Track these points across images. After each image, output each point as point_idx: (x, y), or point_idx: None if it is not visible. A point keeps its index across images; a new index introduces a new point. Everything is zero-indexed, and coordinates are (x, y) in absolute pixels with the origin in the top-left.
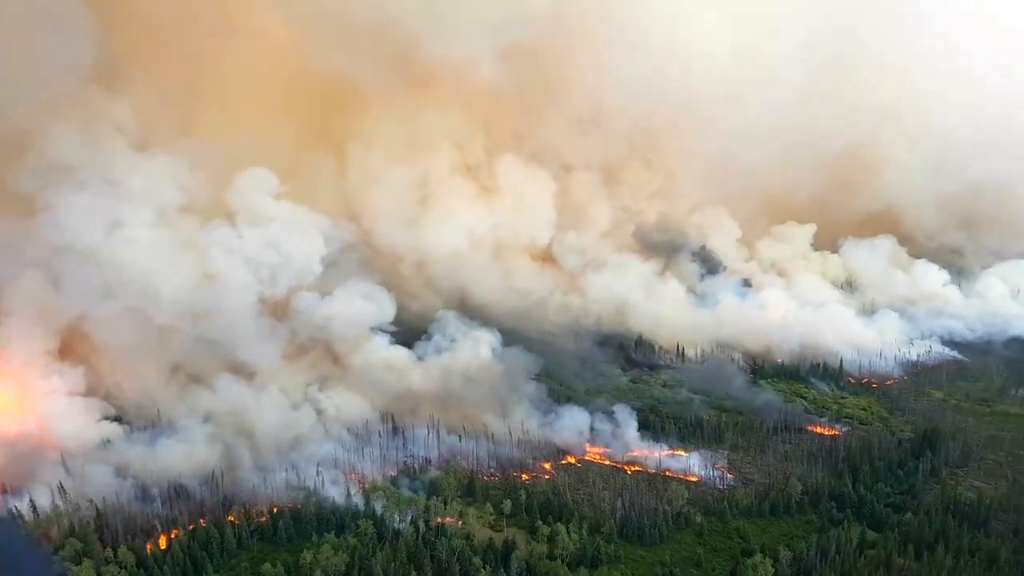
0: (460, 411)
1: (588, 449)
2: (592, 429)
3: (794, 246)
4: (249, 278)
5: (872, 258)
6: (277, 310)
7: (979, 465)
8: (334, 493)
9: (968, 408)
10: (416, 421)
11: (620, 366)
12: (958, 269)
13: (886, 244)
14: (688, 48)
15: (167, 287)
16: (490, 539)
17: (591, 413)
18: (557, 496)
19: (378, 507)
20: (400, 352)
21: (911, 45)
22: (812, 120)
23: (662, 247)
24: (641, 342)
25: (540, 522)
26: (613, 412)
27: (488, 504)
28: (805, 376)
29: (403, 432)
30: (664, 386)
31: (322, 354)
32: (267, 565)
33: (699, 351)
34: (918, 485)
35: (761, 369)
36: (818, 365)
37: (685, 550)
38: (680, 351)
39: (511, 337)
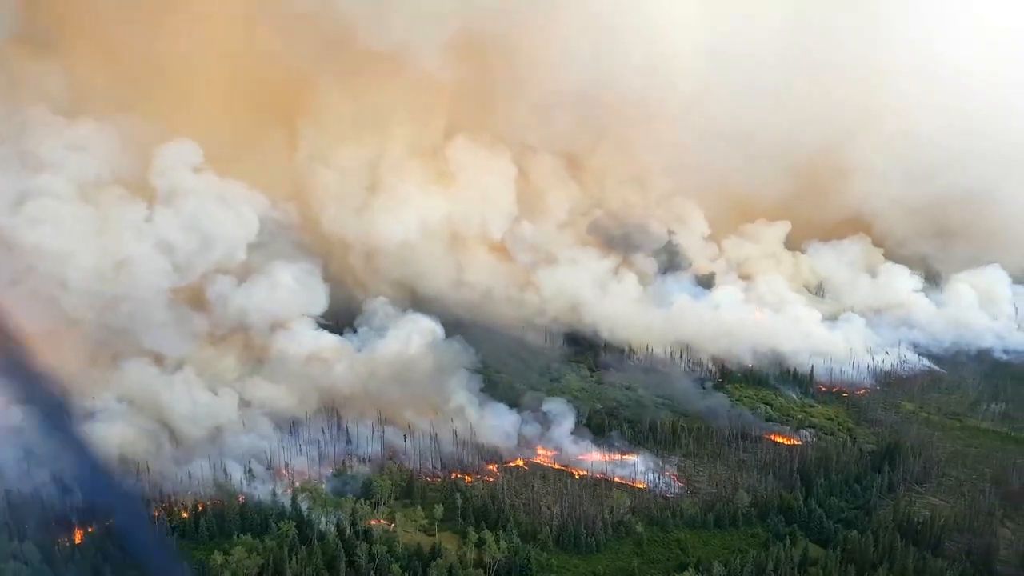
0: (399, 407)
1: (540, 452)
2: (539, 431)
3: (763, 245)
4: (162, 262)
5: (838, 261)
6: (195, 296)
7: (940, 482)
8: (261, 491)
9: (938, 421)
10: (360, 417)
11: (588, 366)
12: (932, 276)
13: (852, 248)
14: (656, 41)
15: (76, 272)
16: (418, 545)
17: (540, 414)
18: (495, 501)
19: (305, 507)
20: (331, 342)
21: (887, 47)
22: (784, 121)
23: (622, 241)
24: (610, 342)
25: (470, 528)
26: (562, 414)
27: (419, 508)
28: (774, 382)
29: (345, 428)
30: (626, 388)
31: (248, 343)
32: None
33: (667, 352)
34: (872, 501)
35: (729, 373)
36: (788, 371)
37: (621, 560)
38: (649, 351)
39: (463, 332)
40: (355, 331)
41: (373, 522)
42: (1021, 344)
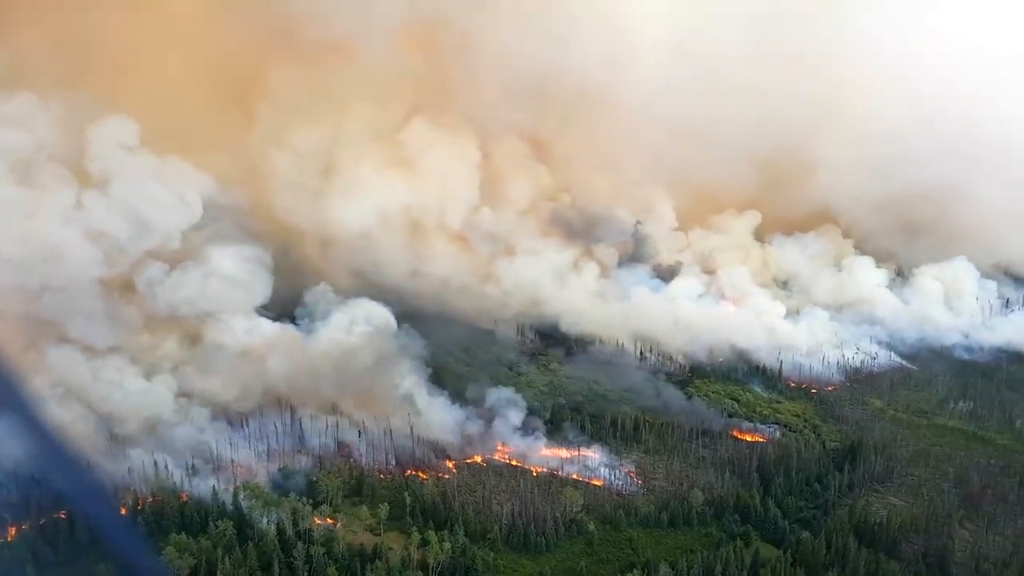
0: (347, 400)
1: (499, 448)
2: (497, 427)
3: (731, 237)
4: (92, 249)
5: (802, 255)
6: (130, 283)
7: (902, 481)
8: (203, 488)
9: (905, 419)
10: (313, 412)
11: (558, 360)
12: (900, 271)
13: (816, 242)
14: (617, 32)
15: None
16: (361, 545)
17: (499, 410)
18: (445, 499)
19: (246, 506)
20: (274, 331)
21: (852, 42)
22: (750, 115)
23: (584, 231)
24: (580, 336)
25: (414, 528)
26: (520, 409)
27: (364, 507)
28: (743, 378)
29: (298, 423)
30: (593, 382)
31: (186, 331)
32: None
33: (636, 346)
34: (831, 500)
35: (698, 368)
36: (757, 367)
37: (571, 560)
38: (619, 346)
39: (423, 325)
40: (295, 322)
41: (319, 521)
42: (985, 340)
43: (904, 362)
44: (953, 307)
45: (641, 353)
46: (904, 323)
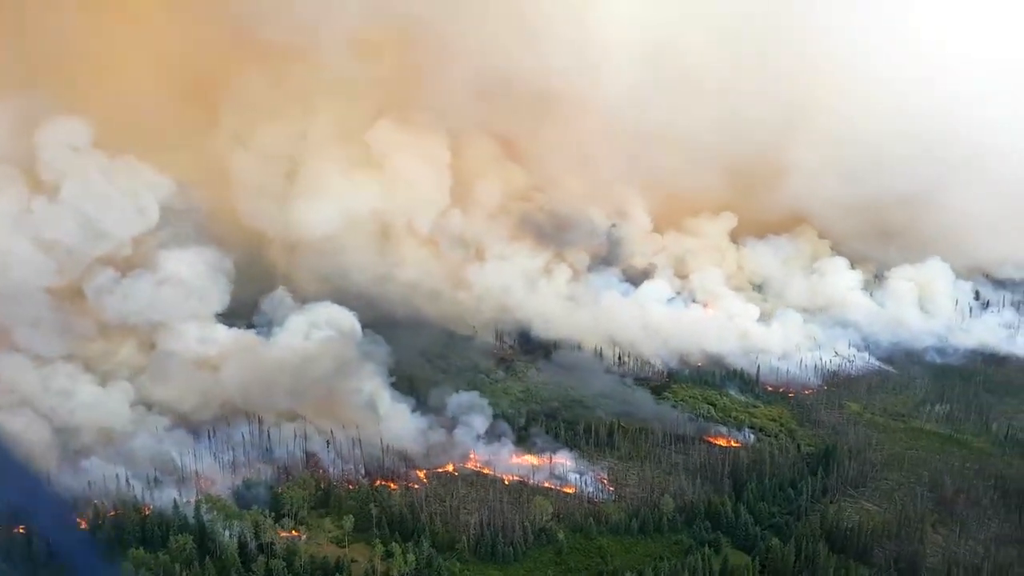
0: (311, 409)
1: (472, 457)
2: (469, 435)
3: (705, 240)
4: (40, 257)
5: (774, 258)
6: (79, 292)
7: (876, 486)
8: (165, 500)
9: (882, 423)
10: (282, 421)
11: (536, 366)
12: (874, 275)
13: (788, 245)
14: (589, 34)
15: None
16: (324, 558)
17: (471, 418)
18: (412, 510)
19: (208, 518)
20: (235, 338)
21: (824, 46)
22: (723, 119)
23: (556, 234)
24: (558, 342)
25: (378, 540)
26: (491, 417)
27: (329, 519)
28: (720, 382)
29: (267, 433)
30: (569, 388)
31: (143, 339)
32: None
33: (614, 351)
34: (804, 506)
35: (676, 373)
36: (735, 371)
37: (539, 569)
38: (598, 351)
39: (396, 331)
40: (251, 327)
41: (284, 534)
42: (961, 343)
43: (882, 365)
44: (928, 309)
45: (619, 358)
46: (879, 326)
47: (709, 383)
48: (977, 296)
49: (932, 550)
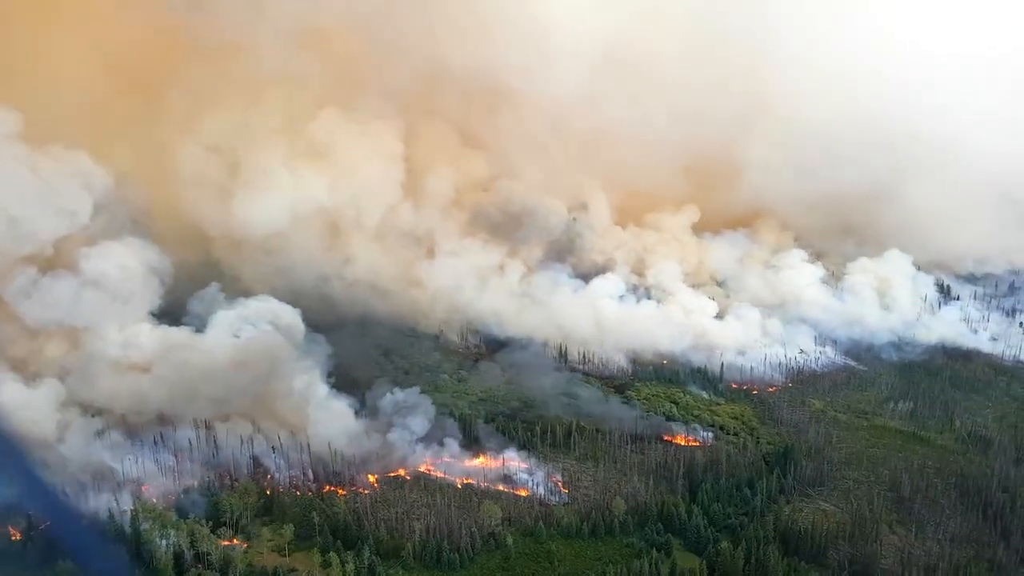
0: (253, 411)
1: (427, 460)
2: (422, 438)
3: (666, 234)
4: None
5: (736, 252)
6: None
7: (836, 485)
8: (101, 508)
9: (845, 420)
10: (231, 425)
11: (501, 365)
12: (835, 271)
13: (747, 240)
14: (543, 29)
15: None
16: (263, 568)
17: (425, 420)
18: (356, 516)
19: (144, 528)
20: (168, 338)
21: (780, 42)
22: (681, 115)
23: (513, 226)
24: (522, 340)
25: (317, 549)
26: (444, 418)
27: (272, 527)
28: (685, 379)
29: (213, 439)
30: (530, 387)
31: (74, 340)
32: None
33: (580, 350)
34: (759, 506)
35: (640, 371)
36: (699, 368)
37: (485, 575)
38: (562, 349)
39: (349, 330)
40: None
41: (225, 543)
42: (923, 338)
43: (848, 361)
44: (889, 303)
45: (583, 357)
46: (839, 321)
47: (673, 381)
48: (945, 290)
49: (888, 551)
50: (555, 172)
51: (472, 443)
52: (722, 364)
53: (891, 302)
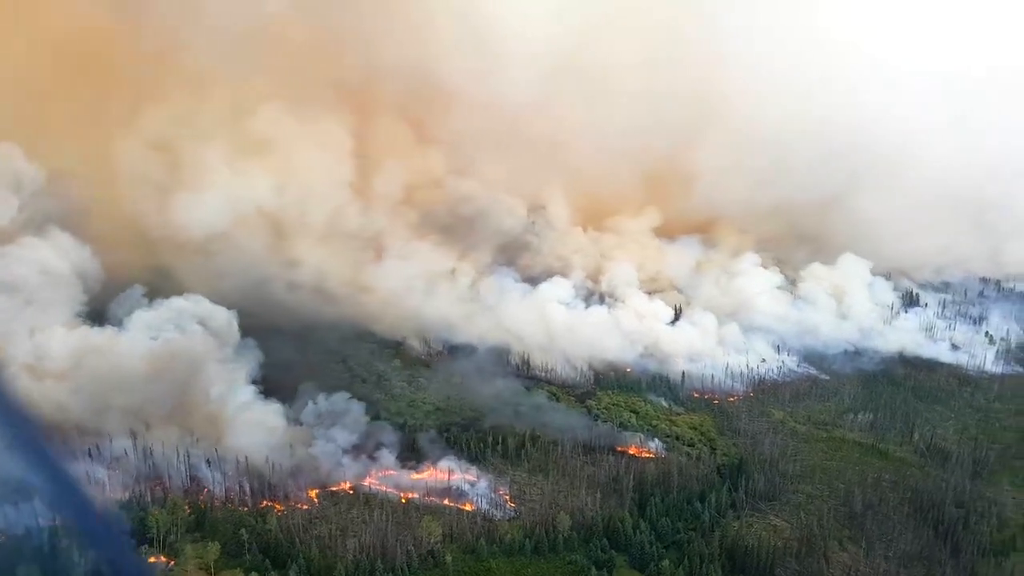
0: (167, 416)
1: (372, 473)
2: (369, 451)
3: (625, 238)
4: None
5: (693, 258)
6: None
7: (788, 499)
8: (19, 525)
9: (804, 432)
10: (162, 436)
11: (459, 373)
12: (791, 278)
13: (701, 247)
14: (492, 39)
15: None
16: None
17: (370, 432)
18: (287, 534)
19: (65, 545)
20: (93, 342)
21: (735, 52)
22: (637, 122)
23: (464, 228)
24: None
25: (239, 567)
26: (389, 432)
27: (199, 544)
28: (646, 389)
29: (149, 450)
30: (484, 397)
31: None
32: None
33: (545, 360)
34: (710, 521)
35: (604, 379)
36: (662, 377)
37: None
38: (524, 358)
39: (299, 336)
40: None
41: (153, 560)
42: (879, 345)
43: (812, 371)
44: (845, 310)
45: (546, 365)
46: (796, 327)
47: (634, 390)
48: (914, 298)
49: (836, 569)
50: (512, 173)
51: (422, 455)
52: (683, 373)
53: (847, 309)
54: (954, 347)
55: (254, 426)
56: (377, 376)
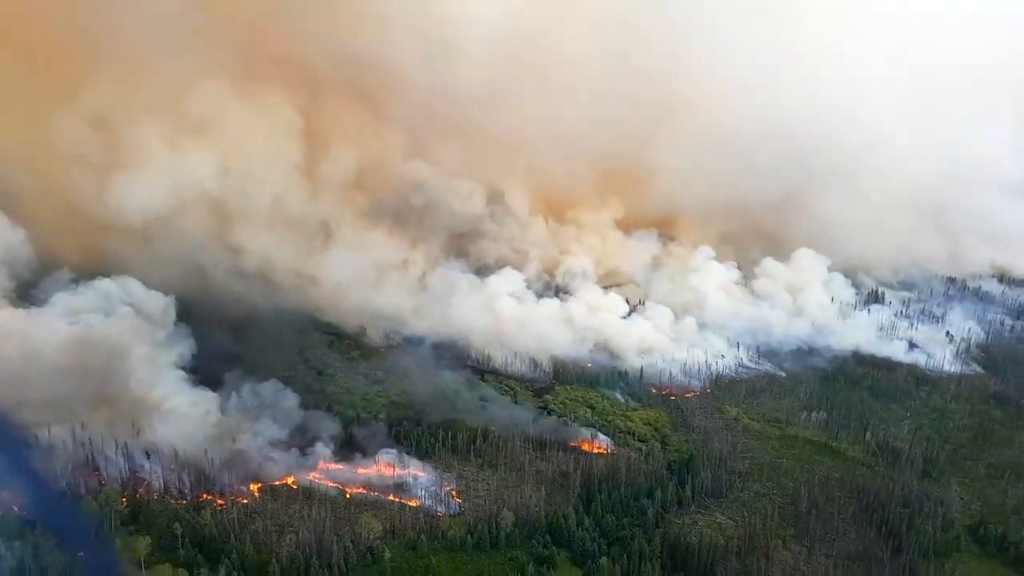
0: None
1: (322, 466)
2: (317, 445)
3: (587, 229)
4: None
5: (641, 252)
6: None
7: (736, 497)
8: None
9: (758, 429)
10: (107, 427)
11: (419, 367)
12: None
13: (657, 244)
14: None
15: None
16: None
17: (317, 425)
18: (221, 529)
19: None
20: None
21: (691, 53)
22: (595, 119)
23: (417, 215)
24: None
25: (168, 562)
26: (332, 425)
27: (129, 538)
28: (605, 384)
29: (88, 441)
30: (438, 392)
31: None
32: None
33: (504, 354)
34: (654, 518)
35: (563, 373)
36: (621, 372)
37: None
38: (486, 354)
39: (246, 328)
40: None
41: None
42: (835, 343)
43: (770, 367)
44: (801, 306)
45: (506, 360)
46: (754, 324)
47: (593, 385)
48: (879, 297)
49: (777, 568)
50: (468, 161)
51: (369, 449)
52: (641, 369)
53: (803, 305)
54: (912, 346)
55: (183, 416)
56: (327, 368)
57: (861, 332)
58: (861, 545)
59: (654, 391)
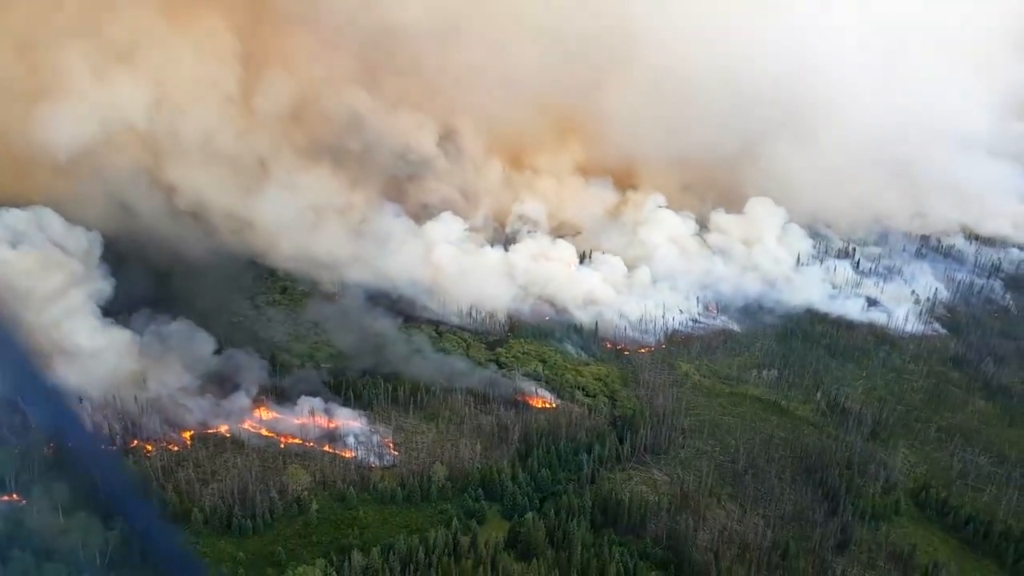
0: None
1: (256, 414)
2: (250, 393)
3: (543, 173)
4: None
5: (594, 201)
6: None
7: (676, 454)
8: None
9: (708, 386)
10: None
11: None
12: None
13: (608, 189)
14: None
15: None
16: (33, 528)
17: (252, 373)
18: (145, 478)
19: None
20: None
21: None
22: (543, 61)
23: (360, 155)
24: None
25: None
26: (260, 369)
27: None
28: (560, 338)
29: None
30: (402, 342)
31: None
32: None
33: (459, 306)
34: (589, 473)
35: (519, 326)
36: (577, 327)
37: (280, 542)
38: (441, 303)
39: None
40: None
41: (5, 498)
42: (789, 298)
43: (728, 323)
44: (754, 257)
45: (463, 312)
46: (708, 277)
47: (548, 338)
48: (850, 254)
49: (709, 526)
50: (418, 96)
51: (306, 400)
52: (596, 323)
53: (756, 257)
54: (871, 303)
55: (95, 357)
56: (263, 315)
57: (815, 288)
58: (797, 506)
59: (608, 346)
